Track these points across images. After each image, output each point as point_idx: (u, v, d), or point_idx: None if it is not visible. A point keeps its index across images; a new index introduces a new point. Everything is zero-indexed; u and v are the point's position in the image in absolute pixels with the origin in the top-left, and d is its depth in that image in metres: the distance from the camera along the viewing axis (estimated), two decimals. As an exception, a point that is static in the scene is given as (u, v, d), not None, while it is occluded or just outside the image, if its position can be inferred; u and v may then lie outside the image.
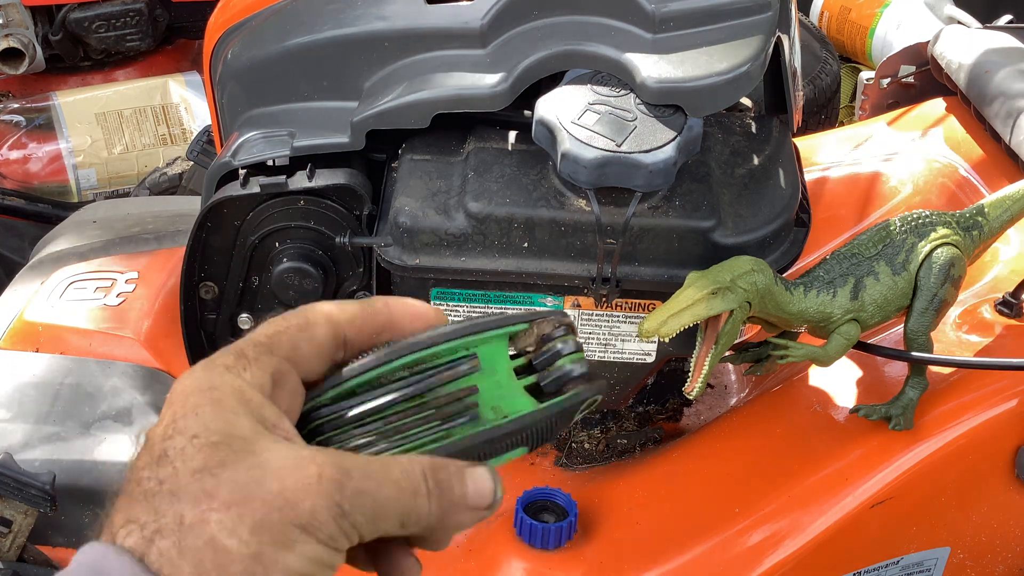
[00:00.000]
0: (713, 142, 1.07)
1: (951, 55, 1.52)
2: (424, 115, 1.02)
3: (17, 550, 1.12)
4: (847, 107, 2.43)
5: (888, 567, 1.13)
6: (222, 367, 0.52)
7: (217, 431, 0.49)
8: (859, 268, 1.04)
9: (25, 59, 2.31)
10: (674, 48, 0.99)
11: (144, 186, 2.10)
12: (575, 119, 0.97)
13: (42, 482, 1.09)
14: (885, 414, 1.09)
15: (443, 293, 1.05)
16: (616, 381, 1.12)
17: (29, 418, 1.22)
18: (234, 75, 1.13)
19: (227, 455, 0.48)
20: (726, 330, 0.97)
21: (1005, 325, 1.18)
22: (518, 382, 0.57)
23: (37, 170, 2.24)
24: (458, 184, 1.03)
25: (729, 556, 1.08)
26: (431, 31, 1.04)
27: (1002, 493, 1.13)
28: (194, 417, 0.49)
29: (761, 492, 1.10)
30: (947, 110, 1.54)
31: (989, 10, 2.07)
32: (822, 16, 2.57)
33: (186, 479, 0.48)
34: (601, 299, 1.03)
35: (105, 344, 1.30)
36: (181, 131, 2.31)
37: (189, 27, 2.45)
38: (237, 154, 1.06)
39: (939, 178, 1.42)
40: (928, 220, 1.08)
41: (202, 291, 1.12)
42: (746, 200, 1.03)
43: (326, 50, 1.07)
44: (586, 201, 0.99)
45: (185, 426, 0.49)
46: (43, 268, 1.45)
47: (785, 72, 1.10)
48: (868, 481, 1.08)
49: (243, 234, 1.08)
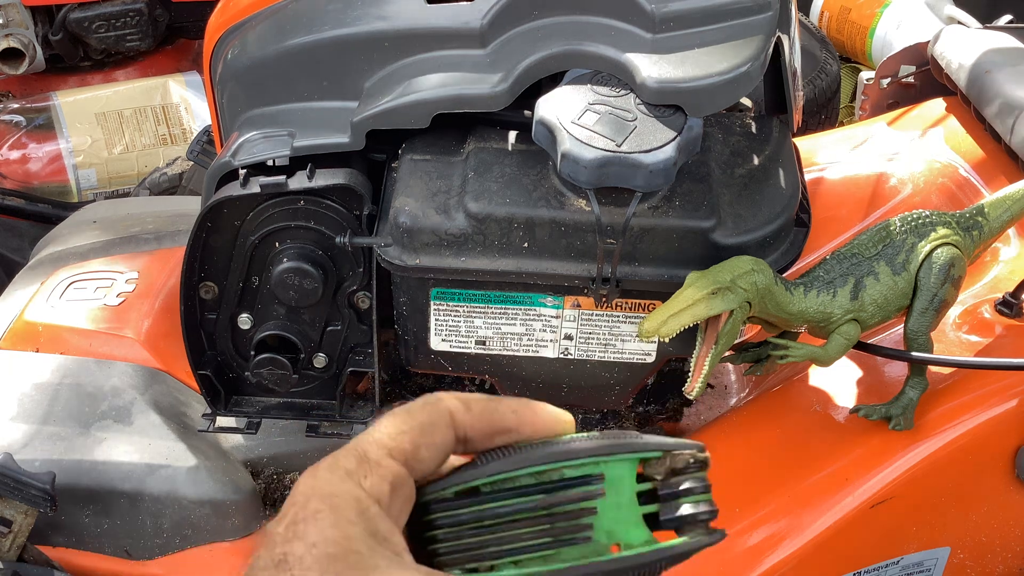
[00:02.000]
0: (713, 142, 1.07)
1: (951, 55, 1.52)
2: (424, 115, 1.02)
3: (17, 550, 1.12)
4: (847, 107, 2.43)
5: (888, 567, 1.13)
6: (343, 472, 0.53)
7: (334, 542, 0.50)
8: (859, 268, 1.04)
9: (25, 59, 2.31)
10: (674, 48, 0.99)
11: (144, 186, 2.10)
12: (575, 119, 0.97)
13: (42, 482, 1.09)
14: (885, 414, 1.10)
15: (443, 293, 1.05)
16: (616, 381, 1.12)
17: (29, 418, 1.22)
18: (234, 75, 1.13)
19: (342, 569, 0.50)
20: (726, 330, 0.97)
21: (1005, 325, 1.18)
22: (638, 509, 0.55)
23: (37, 170, 2.24)
24: (458, 184, 1.03)
25: (729, 556, 1.08)
26: (431, 31, 1.04)
27: (1002, 493, 1.13)
28: (314, 523, 0.51)
29: (761, 492, 1.10)
30: (947, 110, 1.54)
31: (989, 10, 2.07)
32: (822, 16, 2.57)
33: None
34: (601, 299, 1.03)
35: (105, 344, 1.30)
36: (181, 131, 2.30)
37: (189, 27, 2.45)
38: (237, 154, 1.06)
39: (939, 178, 1.42)
40: (928, 220, 1.08)
41: (202, 291, 1.12)
42: (746, 200, 1.03)
43: (326, 50, 1.07)
44: (586, 201, 0.99)
45: (305, 531, 0.51)
46: (43, 268, 1.45)
47: (785, 72, 1.10)
48: (868, 481, 1.08)
49: (243, 234, 1.08)
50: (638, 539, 0.55)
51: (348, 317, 1.13)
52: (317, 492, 0.52)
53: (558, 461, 0.54)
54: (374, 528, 0.52)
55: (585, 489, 0.54)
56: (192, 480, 1.18)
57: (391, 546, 0.52)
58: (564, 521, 0.54)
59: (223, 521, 1.18)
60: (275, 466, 1.24)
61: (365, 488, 0.53)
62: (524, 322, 1.07)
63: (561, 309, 1.06)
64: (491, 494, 0.54)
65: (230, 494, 1.18)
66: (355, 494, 0.52)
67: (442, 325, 1.08)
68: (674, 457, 0.56)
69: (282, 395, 1.19)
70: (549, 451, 0.54)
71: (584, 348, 1.09)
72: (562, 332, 1.08)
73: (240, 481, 1.20)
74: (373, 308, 1.10)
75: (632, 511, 0.55)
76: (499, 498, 0.54)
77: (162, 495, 1.17)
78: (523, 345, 1.09)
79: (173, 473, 1.18)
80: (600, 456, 0.54)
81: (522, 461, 0.54)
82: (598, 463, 0.54)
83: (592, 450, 0.54)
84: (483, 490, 0.54)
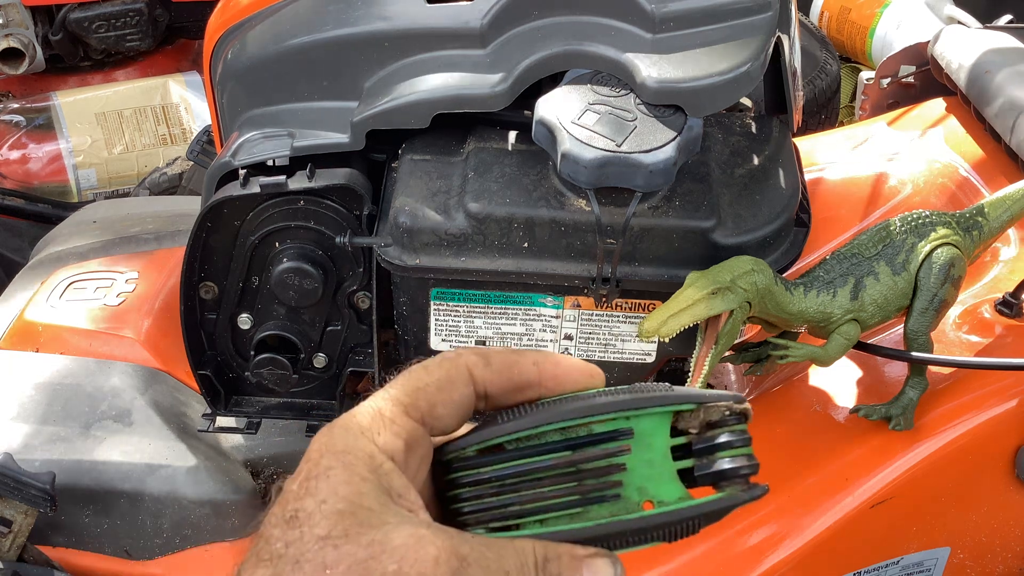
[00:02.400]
0: (713, 142, 1.07)
1: (951, 55, 1.52)
2: (424, 115, 1.02)
3: (17, 550, 1.12)
4: (847, 107, 2.43)
5: (888, 567, 1.13)
6: (357, 429, 0.52)
7: (344, 498, 0.50)
8: (859, 268, 1.04)
9: (25, 59, 2.31)
10: (674, 48, 0.99)
11: (144, 186, 2.10)
12: (575, 119, 0.97)
13: (42, 482, 1.09)
14: (885, 414, 1.10)
15: (443, 293, 1.05)
16: (616, 381, 1.12)
17: (29, 418, 1.22)
18: (234, 75, 1.13)
19: (351, 525, 0.49)
20: (726, 330, 0.97)
21: (1005, 325, 1.18)
22: (672, 464, 0.53)
23: (37, 170, 2.24)
24: (458, 184, 1.03)
25: (729, 556, 1.08)
26: (431, 31, 1.04)
27: (1002, 493, 1.13)
28: (325, 480, 0.50)
29: (761, 492, 1.10)
30: (947, 110, 1.54)
31: (989, 10, 2.07)
32: (822, 16, 2.57)
33: (310, 546, 0.49)
34: (601, 299, 1.03)
35: (105, 344, 1.30)
36: (181, 131, 2.31)
37: (189, 27, 2.45)
38: (237, 154, 1.06)
39: (939, 178, 1.42)
40: (928, 220, 1.08)
41: (202, 291, 1.12)
42: (746, 200, 1.03)
43: (326, 50, 1.07)
44: (586, 201, 0.99)
45: (316, 488, 0.50)
46: (43, 268, 1.45)
47: (785, 72, 1.10)
48: (868, 481, 1.08)
49: (243, 234, 1.08)
50: (671, 495, 0.52)
51: (348, 317, 1.13)
52: (330, 449, 0.51)
53: (585, 416, 0.52)
54: (387, 485, 0.51)
55: (614, 444, 0.52)
56: (192, 480, 1.18)
57: (405, 503, 0.51)
58: (592, 478, 0.52)
59: (223, 521, 1.18)
60: (275, 466, 1.24)
61: (379, 445, 0.52)
62: (524, 322, 1.07)
63: (561, 309, 1.06)
64: (515, 452, 0.52)
65: (230, 494, 1.18)
66: (368, 450, 0.51)
67: (442, 325, 1.08)
68: (708, 409, 0.53)
69: (282, 395, 1.19)
70: (575, 406, 0.52)
71: (584, 348, 1.09)
72: (562, 332, 1.08)
73: (240, 481, 1.20)
74: (373, 308, 1.10)
75: (665, 467, 0.53)
76: (523, 456, 0.52)
77: (162, 495, 1.17)
78: (523, 345, 1.09)
79: (173, 473, 1.18)
80: (629, 410, 0.52)
81: (547, 417, 0.52)
82: (628, 417, 0.52)
83: (621, 404, 0.52)
84: (507, 447, 0.52)
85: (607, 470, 0.52)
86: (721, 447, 0.53)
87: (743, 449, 0.53)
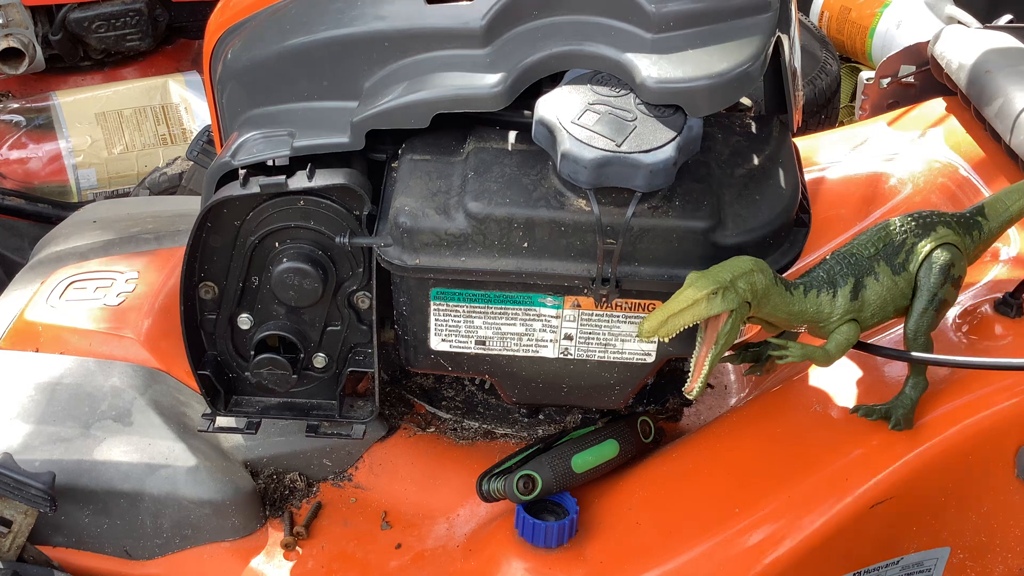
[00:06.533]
0: (713, 142, 1.07)
1: (951, 55, 1.52)
2: (424, 115, 1.02)
3: (17, 550, 1.13)
4: (847, 107, 2.43)
5: (888, 567, 1.13)
6: None
7: None
8: (859, 268, 1.04)
9: (25, 59, 2.31)
10: (674, 48, 0.99)
11: (144, 186, 2.10)
12: (575, 119, 0.97)
13: (42, 482, 1.10)
14: (885, 414, 1.10)
15: (443, 293, 1.05)
16: (616, 381, 1.12)
17: (29, 418, 1.22)
18: (234, 75, 1.13)
19: None
20: (726, 330, 0.97)
21: (1005, 325, 1.18)
22: None
23: (37, 170, 2.24)
24: (458, 184, 1.03)
25: (729, 556, 1.08)
26: (431, 31, 1.04)
27: (1002, 493, 1.13)
28: None
29: (761, 492, 1.10)
30: (947, 110, 1.54)
31: (989, 10, 2.07)
32: (822, 16, 2.57)
33: None
34: (601, 299, 1.03)
35: (105, 344, 1.30)
36: (181, 131, 2.31)
37: (189, 27, 2.45)
38: (237, 154, 1.06)
39: (939, 178, 1.42)
40: (928, 220, 1.08)
41: (202, 291, 1.12)
42: (746, 200, 1.03)
43: (326, 50, 1.07)
44: (586, 201, 0.99)
45: None
46: (43, 268, 1.45)
47: (785, 72, 1.10)
48: (868, 481, 1.08)
49: (243, 234, 1.08)
50: None
51: (348, 317, 1.13)
52: None
53: None
54: None
55: None
56: (192, 480, 1.18)
57: None
58: None
59: (223, 521, 1.18)
60: (275, 466, 1.24)
61: None
62: (524, 322, 1.07)
63: (561, 309, 1.06)
64: None
65: (230, 494, 1.18)
66: None
67: (442, 325, 1.08)
68: None
69: (282, 395, 1.19)
70: None
71: (584, 348, 1.09)
72: (562, 332, 1.08)
73: (240, 481, 1.20)
74: (373, 308, 1.11)
75: None
76: None
77: (162, 495, 1.17)
78: (523, 345, 1.09)
79: (173, 473, 1.18)
80: None
81: None
82: None
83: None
84: None
85: None
86: None
87: None
